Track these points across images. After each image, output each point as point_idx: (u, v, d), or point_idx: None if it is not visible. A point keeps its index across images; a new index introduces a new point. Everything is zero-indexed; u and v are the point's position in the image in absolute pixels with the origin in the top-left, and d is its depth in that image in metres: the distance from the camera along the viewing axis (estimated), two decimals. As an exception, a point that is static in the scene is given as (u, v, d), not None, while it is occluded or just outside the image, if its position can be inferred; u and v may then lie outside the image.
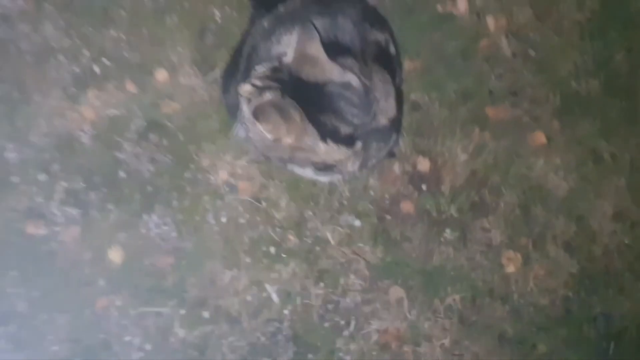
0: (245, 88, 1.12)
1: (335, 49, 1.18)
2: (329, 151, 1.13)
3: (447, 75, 1.78)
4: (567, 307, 1.69)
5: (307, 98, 1.11)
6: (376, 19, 1.38)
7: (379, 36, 1.30)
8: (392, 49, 1.35)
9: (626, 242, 1.74)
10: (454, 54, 1.80)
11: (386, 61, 1.29)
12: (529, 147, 1.76)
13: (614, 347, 1.67)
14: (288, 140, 1.11)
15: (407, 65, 1.77)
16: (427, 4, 1.83)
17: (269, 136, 1.12)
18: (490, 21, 1.85)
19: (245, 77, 1.24)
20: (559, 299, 1.68)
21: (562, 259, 1.70)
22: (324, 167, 1.23)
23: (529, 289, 1.68)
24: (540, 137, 1.77)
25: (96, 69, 1.70)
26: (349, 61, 1.17)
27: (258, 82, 1.10)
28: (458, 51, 1.80)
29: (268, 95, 1.08)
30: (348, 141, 1.15)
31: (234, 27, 1.73)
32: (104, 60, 1.70)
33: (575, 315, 1.69)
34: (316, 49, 1.10)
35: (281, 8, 1.39)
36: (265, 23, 1.37)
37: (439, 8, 1.83)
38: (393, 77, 1.29)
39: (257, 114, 1.08)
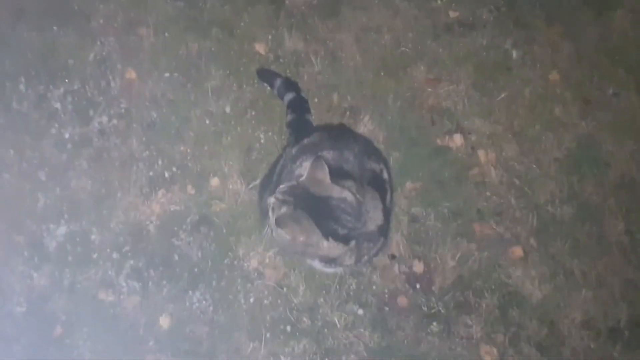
0: (270, 201, 1.64)
1: (340, 174, 1.70)
2: (330, 247, 1.62)
3: (442, 195, 2.23)
4: (537, 399, 1.96)
5: (315, 208, 1.62)
6: (373, 153, 1.91)
7: (375, 165, 1.82)
8: (385, 175, 1.85)
9: (592, 346, 2.05)
10: (448, 179, 2.26)
11: (379, 184, 1.79)
12: (508, 259, 2.15)
13: None
14: (301, 238, 1.60)
15: (409, 186, 2.23)
16: (428, 138, 2.33)
17: (287, 237, 1.61)
18: (481, 154, 2.32)
19: (275, 189, 1.78)
20: (529, 392, 1.96)
21: (534, 356, 2.02)
22: (328, 260, 1.71)
23: (503, 382, 1.97)
24: (518, 252, 2.16)
25: (166, 174, 2.22)
26: (349, 182, 1.69)
27: (280, 196, 1.62)
28: (452, 177, 2.26)
29: (284, 209, 1.59)
30: (344, 240, 1.63)
31: (273, 148, 2.26)
32: (173, 168, 2.23)
33: (544, 407, 1.95)
34: (323, 174, 1.63)
35: (305, 141, 1.95)
36: (293, 150, 1.93)
37: (438, 142, 2.32)
38: (383, 196, 1.79)
39: (279, 222, 1.60)
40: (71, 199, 2.14)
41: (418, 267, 2.10)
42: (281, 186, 1.67)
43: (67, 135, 2.24)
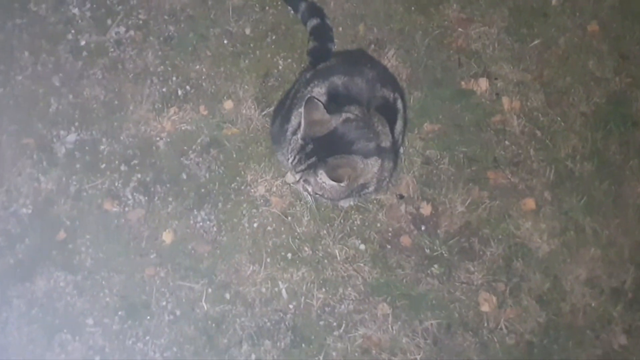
0: (290, 180, 1.63)
1: (347, 99, 1.66)
2: (371, 164, 1.61)
3: (459, 140, 2.18)
4: (529, 350, 1.98)
5: (334, 145, 1.59)
6: (388, 81, 1.85)
7: (387, 93, 1.77)
8: (399, 105, 1.81)
9: (592, 305, 2.04)
10: (468, 123, 2.20)
11: (390, 112, 1.74)
12: (519, 210, 2.12)
13: (565, 393, 1.94)
14: (355, 177, 1.61)
15: (427, 127, 2.19)
16: (453, 80, 2.26)
17: (342, 185, 1.58)
18: (505, 101, 2.25)
19: (287, 115, 1.74)
20: (523, 341, 1.98)
21: (533, 308, 2.01)
22: (358, 189, 1.67)
23: (499, 328, 1.99)
24: (531, 204, 2.13)
25: (180, 92, 2.20)
26: (352, 107, 1.64)
27: (303, 167, 1.61)
28: (472, 122, 2.21)
29: (318, 170, 1.58)
30: (377, 150, 1.64)
31: (291, 75, 2.21)
32: (187, 86, 2.21)
33: (535, 358, 1.97)
34: (318, 114, 1.59)
35: (320, 65, 1.89)
36: (307, 75, 1.88)
37: (463, 84, 2.25)
38: (392, 124, 1.75)
39: (335, 177, 1.56)
40: (83, 107, 2.14)
41: (425, 209, 2.08)
42: (292, 163, 1.65)
43: (83, 43, 2.22)
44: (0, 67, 2.15)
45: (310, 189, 1.63)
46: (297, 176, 1.59)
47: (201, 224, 2.03)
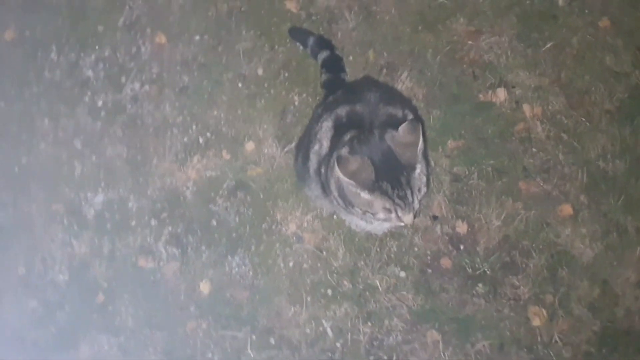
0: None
1: (349, 127, 1.64)
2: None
3: (485, 153, 2.14)
4: (588, 361, 1.90)
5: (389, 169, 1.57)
6: (394, 99, 1.82)
7: (394, 111, 1.72)
8: (410, 117, 1.74)
9: (648, 307, 1.96)
10: (492, 136, 2.17)
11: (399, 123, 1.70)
12: (557, 217, 2.07)
13: (632, 401, 1.86)
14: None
15: (450, 144, 2.16)
16: (470, 94, 2.23)
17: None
18: (526, 108, 2.22)
19: (306, 153, 1.72)
20: (580, 353, 1.91)
21: (586, 317, 1.95)
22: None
23: (553, 342, 1.92)
24: (567, 209, 2.08)
25: (201, 140, 2.19)
26: (350, 131, 1.63)
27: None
28: (496, 133, 2.17)
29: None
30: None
31: (308, 109, 2.19)
32: (207, 133, 2.21)
33: (596, 369, 1.89)
34: (355, 161, 1.55)
35: (329, 98, 1.88)
36: (319, 110, 1.87)
37: (481, 97, 2.22)
38: None
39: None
40: (107, 166, 2.14)
41: (461, 227, 2.04)
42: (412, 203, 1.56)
43: (100, 103, 2.23)
44: (22, 137, 2.15)
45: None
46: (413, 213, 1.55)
47: (237, 269, 2.01)
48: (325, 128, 1.71)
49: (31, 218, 2.04)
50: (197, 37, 2.32)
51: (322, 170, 1.70)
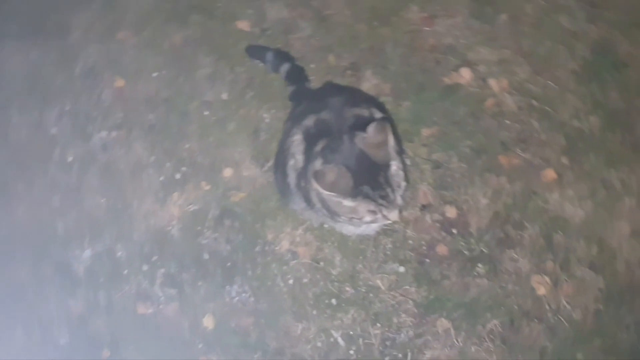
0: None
1: (319, 137, 1.67)
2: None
3: (461, 135, 2.16)
4: (599, 319, 1.91)
5: (367, 171, 1.58)
6: (359, 100, 1.83)
7: (359, 111, 1.73)
8: (377, 115, 1.76)
9: (647, 255, 1.97)
10: (464, 117, 2.18)
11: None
12: (542, 184, 2.08)
13: (649, 350, 1.87)
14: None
15: (425, 132, 2.17)
16: (436, 80, 2.25)
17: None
18: (493, 83, 2.24)
19: (284, 170, 1.73)
20: (590, 313, 1.92)
21: (589, 277, 1.96)
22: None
23: (562, 307, 1.93)
24: (551, 174, 2.09)
25: (177, 175, 2.19)
26: (321, 141, 1.65)
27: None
28: (468, 113, 2.19)
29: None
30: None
31: (280, 124, 2.17)
32: (183, 167, 2.20)
33: (608, 326, 1.91)
34: (332, 173, 1.55)
35: (295, 111, 1.89)
36: (288, 123, 1.87)
37: (447, 80, 2.24)
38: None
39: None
40: (89, 219, 2.13)
41: (451, 212, 2.05)
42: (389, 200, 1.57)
43: (70, 158, 2.22)
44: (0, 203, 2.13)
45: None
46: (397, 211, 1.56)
47: (237, 297, 2.00)
48: (297, 142, 1.72)
49: (22, 284, 2.02)
50: (156, 74, 2.31)
51: (302, 184, 1.70)
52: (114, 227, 2.11)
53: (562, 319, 1.90)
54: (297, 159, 1.68)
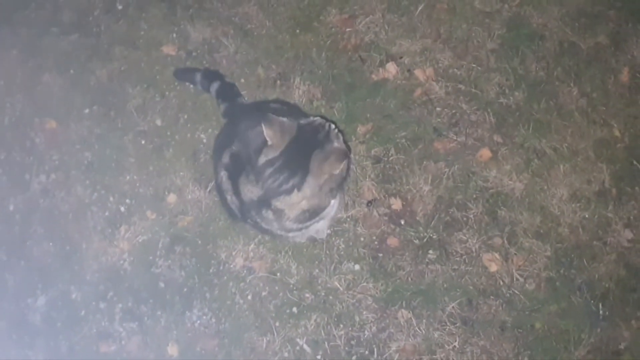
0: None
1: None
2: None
3: (395, 127, 2.18)
4: (552, 285, 1.96)
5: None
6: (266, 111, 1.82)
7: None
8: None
9: (586, 216, 2.03)
10: (396, 109, 2.21)
11: None
12: (479, 164, 2.12)
13: (602, 307, 1.92)
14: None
15: (360, 129, 2.19)
16: (363, 77, 2.26)
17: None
18: (419, 73, 2.27)
19: (224, 201, 1.79)
20: (543, 281, 1.96)
21: (536, 247, 2.00)
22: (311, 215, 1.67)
23: (515, 280, 1.97)
24: (486, 153, 2.13)
25: (122, 209, 2.15)
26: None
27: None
28: (399, 106, 2.21)
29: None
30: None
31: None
32: (126, 200, 2.16)
33: (560, 290, 1.96)
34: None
35: (215, 146, 1.96)
36: (214, 161, 1.93)
37: (374, 77, 2.26)
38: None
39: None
40: (39, 267, 2.07)
41: (396, 204, 2.06)
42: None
43: (11, 207, 2.15)
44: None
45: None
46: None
47: (198, 322, 1.98)
48: (225, 180, 1.76)
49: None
50: (87, 111, 2.27)
51: (250, 221, 1.76)
52: (66, 271, 2.07)
53: (517, 292, 1.92)
54: (232, 197, 1.69)
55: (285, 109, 1.91)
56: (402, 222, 2.01)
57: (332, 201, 1.70)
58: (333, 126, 1.62)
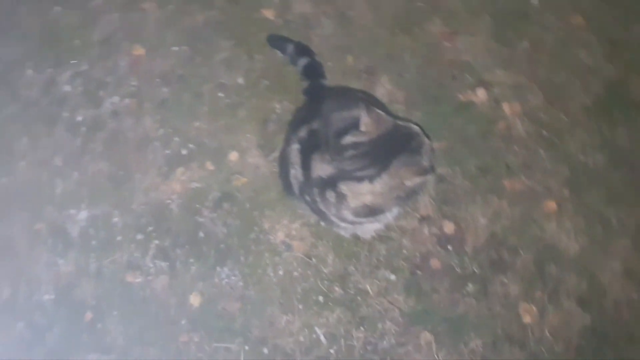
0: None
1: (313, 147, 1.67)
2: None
3: (468, 153, 2.12)
4: (580, 354, 1.88)
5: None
6: (348, 102, 1.78)
7: (350, 113, 1.70)
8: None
9: (635, 297, 1.95)
10: (474, 135, 2.14)
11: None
12: (542, 213, 2.05)
13: (626, 390, 1.84)
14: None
15: (433, 145, 2.09)
16: (450, 95, 2.21)
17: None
18: (506, 107, 2.20)
19: (286, 175, 1.75)
20: (573, 347, 1.89)
21: (575, 311, 1.92)
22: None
23: (545, 337, 1.89)
24: (551, 204, 2.06)
25: (183, 152, 2.13)
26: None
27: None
28: (478, 132, 2.15)
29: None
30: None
31: (289, 117, 2.11)
32: (190, 145, 2.15)
33: (588, 361, 1.87)
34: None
35: (294, 118, 1.95)
36: (288, 131, 1.89)
37: (461, 97, 2.19)
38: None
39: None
40: (89, 183, 2.07)
41: (449, 227, 2.00)
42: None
43: (79, 119, 2.16)
44: (1, 157, 2.06)
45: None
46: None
47: (226, 280, 1.95)
48: (295, 152, 1.72)
49: (14, 240, 1.95)
50: (175, 49, 2.26)
51: (307, 198, 1.68)
52: (114, 195, 2.07)
53: (544, 349, 1.86)
54: (297, 170, 1.65)
55: (371, 102, 1.85)
56: (450, 248, 1.96)
57: (394, 209, 1.64)
58: (428, 142, 1.55)
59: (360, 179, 1.55)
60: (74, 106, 2.17)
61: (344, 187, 1.57)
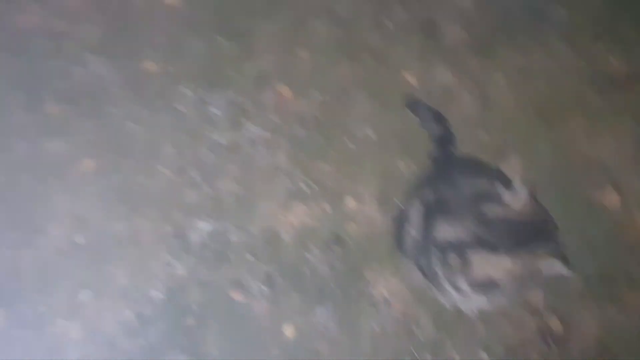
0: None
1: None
2: None
3: (590, 254, 2.04)
4: None
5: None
6: (478, 170, 1.81)
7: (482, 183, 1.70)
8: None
9: None
10: (598, 238, 2.07)
11: (494, 197, 1.66)
12: (662, 332, 1.89)
13: None
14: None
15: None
16: (579, 192, 2.17)
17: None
18: (638, 215, 2.09)
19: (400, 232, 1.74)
20: None
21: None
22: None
23: None
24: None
25: (305, 189, 2.22)
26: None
27: None
28: (603, 236, 2.07)
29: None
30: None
31: (411, 178, 2.18)
32: (312, 184, 2.24)
33: None
34: None
35: (421, 181, 1.91)
36: (413, 190, 1.90)
37: (590, 196, 2.16)
38: None
39: None
40: (217, 198, 2.19)
41: (555, 324, 1.91)
42: None
43: (221, 140, 2.32)
44: (145, 158, 2.28)
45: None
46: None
47: (322, 320, 1.97)
48: (417, 211, 1.74)
49: (141, 234, 2.10)
50: (318, 95, 2.39)
51: (421, 259, 1.70)
52: (237, 214, 2.18)
53: None
54: (415, 229, 1.66)
55: (501, 181, 1.85)
56: (552, 345, 1.86)
57: (513, 290, 1.61)
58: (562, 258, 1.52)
59: (495, 249, 1.52)
60: (218, 128, 2.34)
61: (472, 254, 1.56)
